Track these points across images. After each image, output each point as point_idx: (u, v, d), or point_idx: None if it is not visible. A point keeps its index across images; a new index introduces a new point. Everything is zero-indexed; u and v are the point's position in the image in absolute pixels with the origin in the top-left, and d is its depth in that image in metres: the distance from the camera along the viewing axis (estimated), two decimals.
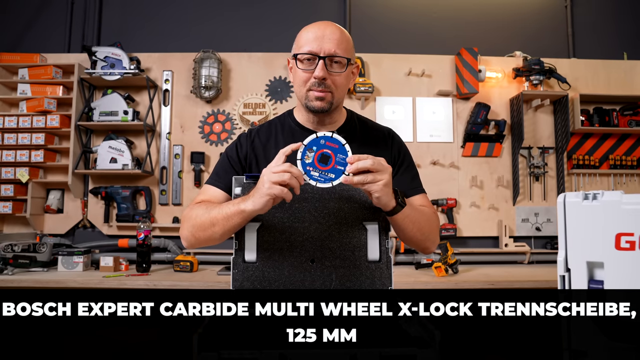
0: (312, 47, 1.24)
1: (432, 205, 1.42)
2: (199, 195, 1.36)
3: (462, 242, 3.28)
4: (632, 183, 3.35)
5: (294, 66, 1.29)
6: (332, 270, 1.21)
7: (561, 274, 0.89)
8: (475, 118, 3.26)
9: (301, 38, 1.28)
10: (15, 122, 3.08)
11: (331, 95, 1.27)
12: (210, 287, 2.43)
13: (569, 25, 3.59)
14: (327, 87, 1.26)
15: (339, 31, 1.27)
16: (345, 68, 1.27)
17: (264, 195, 1.08)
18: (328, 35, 1.24)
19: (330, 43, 1.24)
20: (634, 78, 3.44)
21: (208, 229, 1.21)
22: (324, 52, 1.24)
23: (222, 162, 1.39)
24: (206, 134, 3.29)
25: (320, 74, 1.24)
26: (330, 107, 1.29)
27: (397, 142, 1.42)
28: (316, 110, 1.28)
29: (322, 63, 1.24)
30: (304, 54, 1.25)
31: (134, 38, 3.44)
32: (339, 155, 1.09)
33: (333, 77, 1.26)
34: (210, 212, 1.20)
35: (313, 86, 1.26)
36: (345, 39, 1.27)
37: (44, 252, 2.77)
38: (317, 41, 1.24)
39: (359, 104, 3.28)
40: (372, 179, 1.07)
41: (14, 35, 3.48)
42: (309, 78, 1.26)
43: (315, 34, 1.25)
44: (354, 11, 3.52)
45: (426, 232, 1.28)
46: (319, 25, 1.28)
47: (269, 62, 3.35)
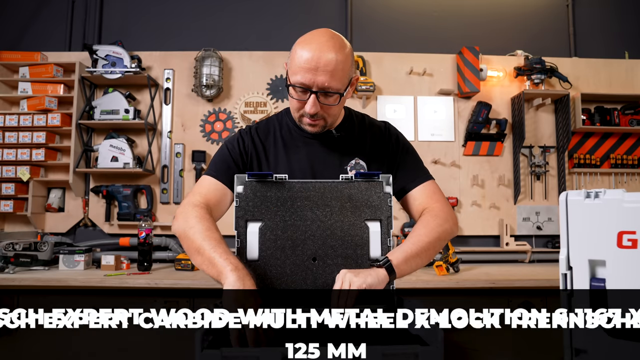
0: (304, 78, 1.18)
1: (438, 193, 1.35)
2: (196, 186, 1.33)
3: (463, 241, 3.28)
4: (633, 182, 3.35)
5: (289, 89, 1.24)
6: (334, 268, 1.21)
7: (563, 272, 0.89)
8: (476, 117, 3.26)
9: (295, 60, 1.20)
10: (16, 120, 3.08)
11: (324, 121, 1.27)
12: (212, 286, 2.42)
13: (570, 24, 3.59)
14: (319, 117, 1.25)
15: (335, 59, 1.17)
16: (338, 100, 1.23)
17: (232, 302, 1.01)
18: (322, 65, 1.16)
19: (323, 75, 1.17)
20: (635, 77, 3.44)
21: (191, 251, 1.18)
22: (317, 86, 1.18)
23: (222, 154, 1.37)
24: (207, 132, 3.29)
25: (312, 111, 1.21)
26: (324, 129, 1.30)
27: (394, 133, 1.42)
28: (310, 132, 1.30)
29: (313, 98, 1.20)
30: (296, 86, 1.20)
31: (135, 36, 3.43)
32: None
33: (325, 108, 1.24)
34: (202, 242, 1.15)
35: (305, 115, 1.25)
36: (340, 67, 1.19)
37: (45, 250, 2.77)
38: (310, 73, 1.17)
39: (360, 103, 3.28)
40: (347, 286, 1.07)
41: (15, 34, 3.48)
42: (301, 107, 1.24)
43: (309, 63, 1.16)
44: (355, 10, 3.52)
45: (437, 246, 1.25)
46: (314, 49, 1.18)
47: (270, 60, 3.34)
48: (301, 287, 1.20)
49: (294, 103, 1.25)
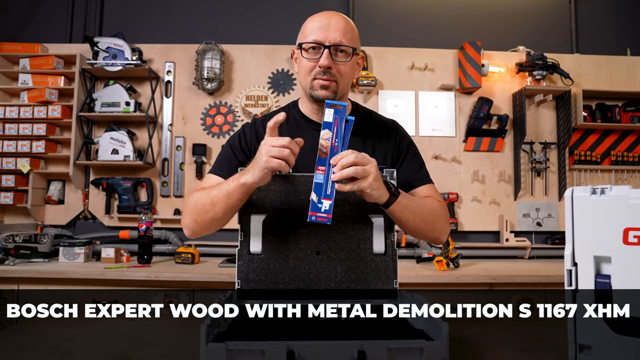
0: (317, 36, 1.24)
1: (440, 195, 1.41)
2: (200, 184, 1.35)
3: (464, 237, 3.28)
4: (634, 179, 3.36)
5: (299, 56, 1.29)
6: (337, 262, 1.21)
7: (568, 268, 0.89)
8: (477, 112, 3.26)
9: (306, 27, 1.28)
10: (17, 112, 3.07)
11: (336, 84, 1.27)
12: (212, 279, 2.43)
13: (572, 20, 3.58)
14: (332, 75, 1.25)
15: (344, 20, 1.27)
16: (350, 57, 1.27)
17: (262, 168, 1.07)
18: (333, 25, 1.24)
19: (335, 32, 1.24)
20: (636, 74, 3.44)
21: (209, 211, 1.20)
22: (329, 41, 1.23)
23: (225, 152, 1.38)
24: (208, 125, 3.28)
25: (326, 63, 1.23)
26: (335, 96, 1.28)
27: (401, 133, 1.42)
28: (321, 99, 1.27)
29: (327, 52, 1.23)
30: (309, 43, 1.25)
31: (136, 29, 3.42)
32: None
33: (338, 66, 1.26)
34: (210, 193, 1.20)
35: (318, 75, 1.25)
36: (350, 29, 1.27)
37: (45, 242, 2.77)
38: (322, 30, 1.24)
39: (361, 97, 3.27)
40: (363, 173, 1.05)
41: (15, 25, 3.46)
42: (314, 67, 1.26)
43: (321, 23, 1.25)
44: (357, 5, 3.50)
45: (430, 221, 1.28)
46: (324, 15, 1.28)
47: (272, 54, 3.33)
48: (304, 281, 1.20)
49: (306, 64, 1.27)
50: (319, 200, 1.03)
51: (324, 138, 1.04)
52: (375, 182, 1.08)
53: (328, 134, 1.04)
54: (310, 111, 1.36)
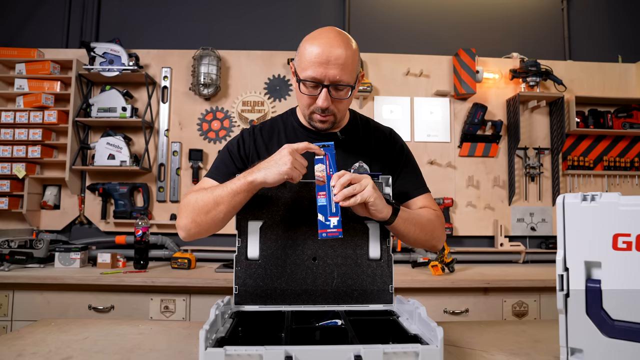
0: (315, 73, 1.18)
1: (436, 204, 1.43)
2: (196, 187, 1.33)
3: (458, 242, 3.30)
4: (626, 184, 3.40)
5: (297, 87, 1.25)
6: (333, 268, 1.22)
7: (560, 272, 0.91)
8: (472, 118, 3.29)
9: (305, 55, 1.20)
10: (12, 117, 3.07)
11: (334, 117, 1.28)
12: (208, 284, 2.44)
13: (565, 28, 3.62)
14: (330, 112, 1.25)
15: (344, 53, 1.18)
16: (349, 94, 1.24)
17: (282, 172, 1.09)
18: (333, 61, 1.17)
19: (334, 69, 1.17)
20: (628, 81, 3.48)
21: (212, 210, 1.18)
22: (328, 79, 1.18)
23: (223, 157, 1.38)
24: (204, 131, 3.29)
25: (324, 105, 1.22)
26: (332, 126, 1.31)
27: (399, 142, 1.44)
28: (319, 130, 1.31)
29: (325, 92, 1.20)
30: (307, 81, 1.20)
31: (133, 34, 3.43)
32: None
33: (336, 103, 1.24)
34: (213, 192, 1.19)
35: (316, 111, 1.25)
36: (350, 60, 1.20)
37: (40, 248, 2.76)
38: (322, 67, 1.17)
39: (357, 103, 3.30)
40: (360, 187, 1.09)
41: (12, 30, 3.46)
42: (312, 103, 1.25)
43: (320, 57, 1.17)
44: (353, 11, 3.53)
45: (429, 231, 1.30)
46: (324, 44, 1.18)
47: (268, 60, 3.35)
48: (301, 287, 1.22)
49: (305, 99, 1.25)
50: (326, 218, 1.10)
51: (319, 170, 1.12)
52: (374, 190, 1.11)
53: (322, 167, 1.12)
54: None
